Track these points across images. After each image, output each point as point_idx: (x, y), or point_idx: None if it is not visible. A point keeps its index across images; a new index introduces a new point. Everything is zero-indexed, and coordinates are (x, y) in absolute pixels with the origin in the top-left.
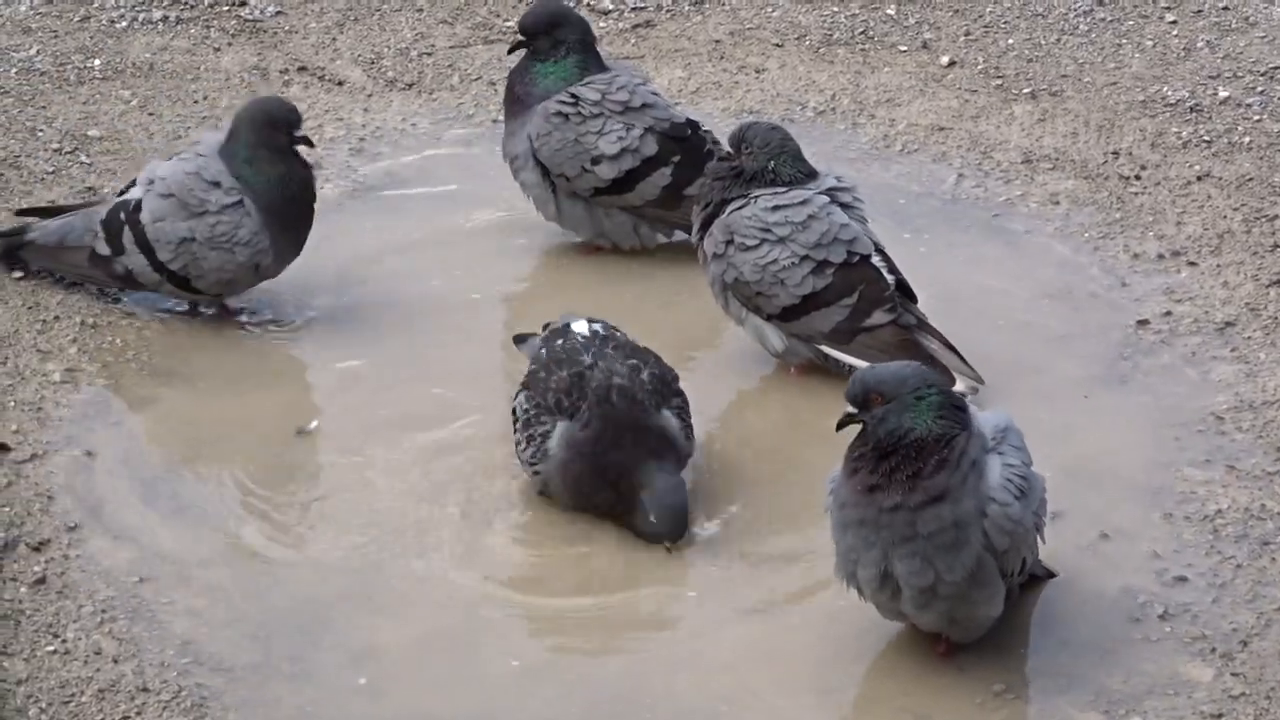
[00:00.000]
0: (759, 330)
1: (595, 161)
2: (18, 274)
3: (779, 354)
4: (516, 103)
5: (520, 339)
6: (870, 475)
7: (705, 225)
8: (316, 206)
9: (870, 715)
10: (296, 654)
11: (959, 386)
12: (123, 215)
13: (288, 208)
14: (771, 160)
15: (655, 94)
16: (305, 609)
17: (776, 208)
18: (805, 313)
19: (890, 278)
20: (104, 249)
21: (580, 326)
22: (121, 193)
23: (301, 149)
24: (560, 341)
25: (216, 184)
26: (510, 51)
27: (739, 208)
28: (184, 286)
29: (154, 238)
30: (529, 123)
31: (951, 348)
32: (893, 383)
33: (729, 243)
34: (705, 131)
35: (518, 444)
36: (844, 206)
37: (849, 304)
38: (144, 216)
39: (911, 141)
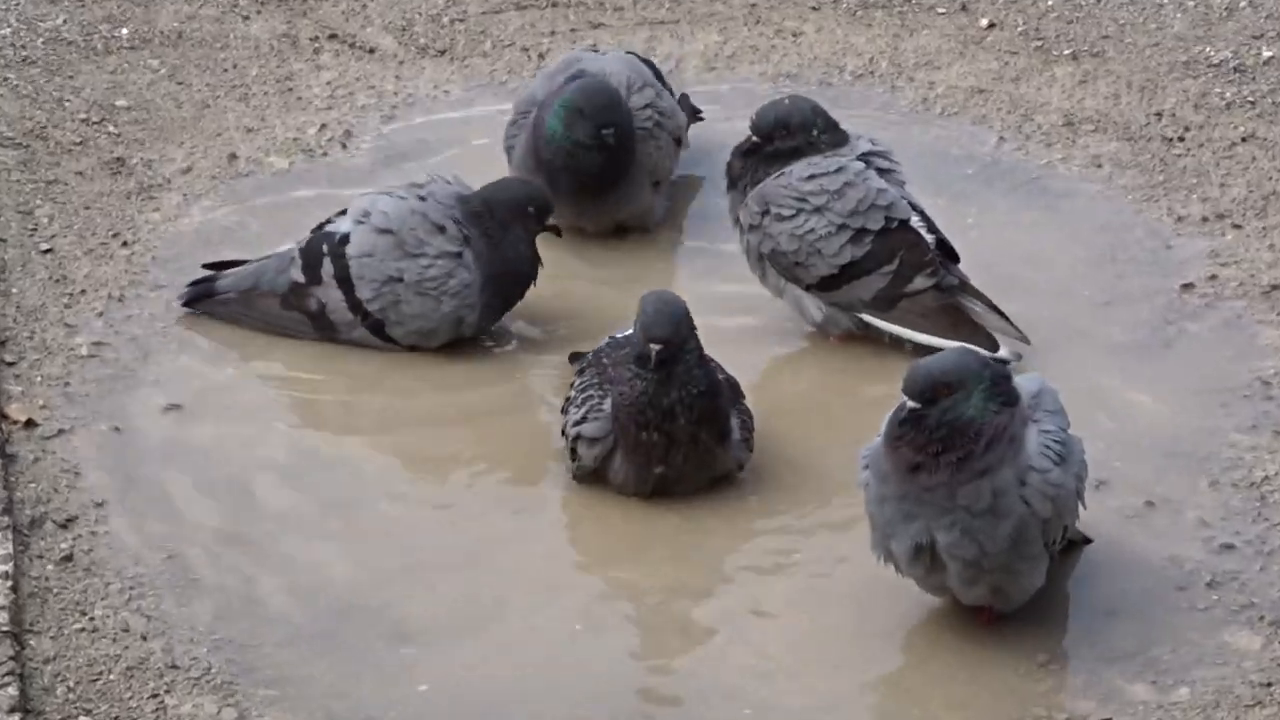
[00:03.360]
0: (798, 300)
1: None
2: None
3: (818, 324)
4: None
5: (577, 357)
6: (916, 454)
7: (740, 195)
8: (350, 175)
9: (911, 688)
10: (330, 629)
11: (1003, 350)
12: (325, 246)
13: (508, 282)
14: (811, 130)
15: None
16: (340, 582)
17: (811, 176)
18: (845, 282)
19: (931, 238)
20: (299, 276)
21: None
22: (319, 227)
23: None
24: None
25: (441, 229)
26: None
27: (775, 177)
28: (378, 332)
29: (357, 273)
30: None
31: (995, 309)
32: (958, 372)
33: (764, 213)
34: None
35: (566, 422)
36: (880, 171)
37: (889, 271)
38: (351, 249)
39: (951, 104)
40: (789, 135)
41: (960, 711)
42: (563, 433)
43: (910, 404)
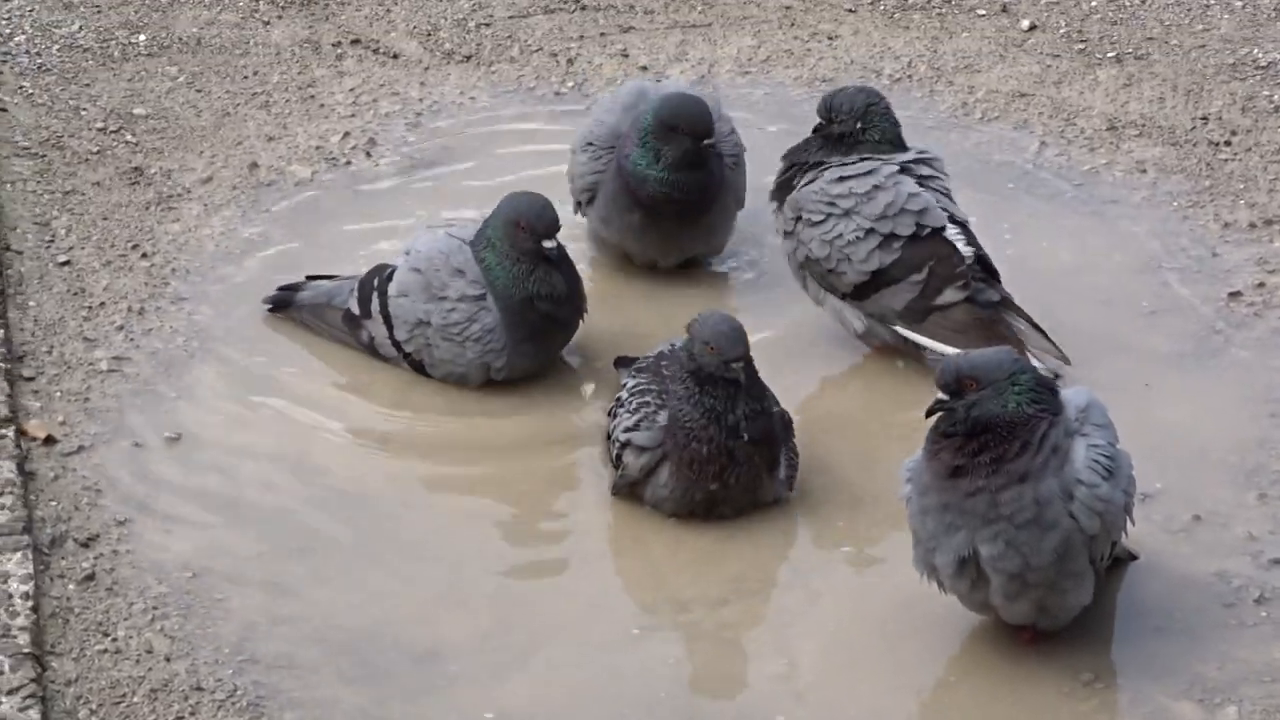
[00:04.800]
0: (838, 311)
1: None
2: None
3: (860, 335)
4: None
5: (624, 362)
6: (955, 456)
7: (781, 193)
8: (374, 184)
9: (953, 706)
10: (357, 650)
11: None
12: (376, 281)
13: (533, 316)
14: (858, 121)
15: None
16: (372, 603)
17: (841, 179)
18: (875, 290)
19: (968, 251)
20: (355, 308)
21: None
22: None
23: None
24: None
25: (461, 273)
26: None
27: (808, 182)
28: (420, 371)
29: (394, 312)
30: None
31: (1036, 327)
32: (987, 368)
33: (797, 219)
34: None
35: (614, 427)
36: (923, 179)
37: (919, 281)
38: (391, 288)
39: (992, 109)
40: (840, 122)
41: None
42: (608, 436)
43: (938, 395)
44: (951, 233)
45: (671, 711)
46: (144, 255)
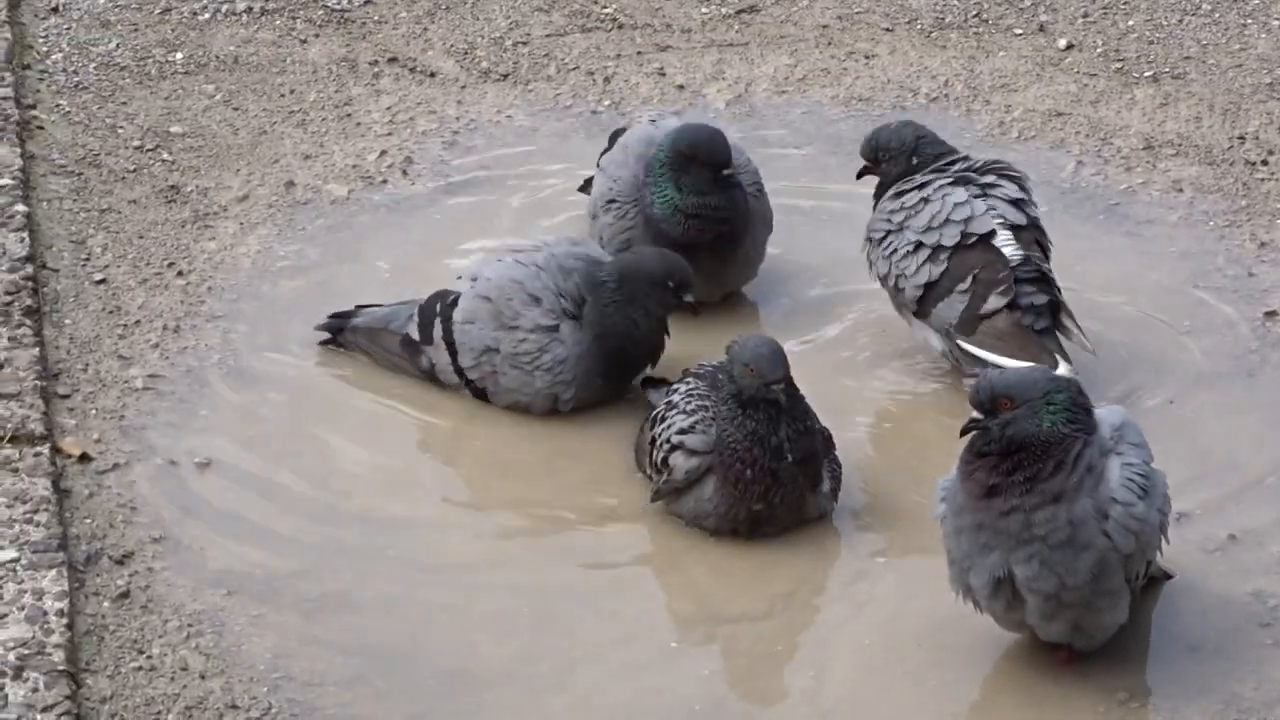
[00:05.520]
0: (918, 332)
1: None
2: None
3: (940, 354)
4: None
5: (652, 384)
6: (989, 475)
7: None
8: (411, 203)
9: None
10: (393, 669)
11: (1061, 369)
12: (439, 307)
13: (619, 357)
14: (912, 157)
15: None
16: (401, 621)
17: (897, 194)
18: (933, 304)
19: (1016, 255)
20: (415, 334)
21: None
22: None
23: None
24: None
25: (538, 300)
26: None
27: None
28: (480, 397)
29: (459, 339)
30: None
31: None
32: (1022, 387)
33: (869, 240)
34: None
35: (661, 431)
36: (987, 187)
37: (965, 290)
38: (457, 315)
39: (1028, 128)
40: (890, 160)
41: None
42: (652, 442)
43: (973, 414)
44: (1001, 239)
45: None
46: (180, 273)
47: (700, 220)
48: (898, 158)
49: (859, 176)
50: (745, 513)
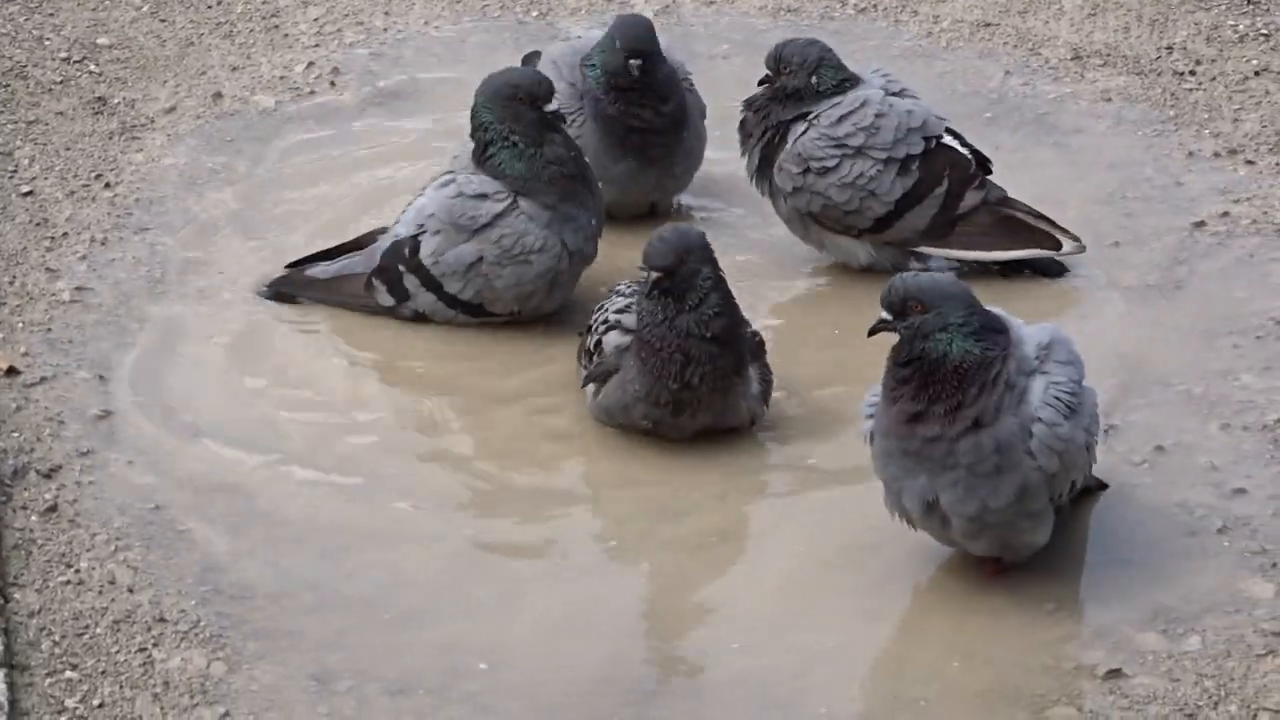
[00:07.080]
0: (845, 249)
1: None
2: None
3: (866, 267)
4: None
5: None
6: (912, 403)
7: (765, 160)
8: (339, 114)
9: (917, 636)
10: (321, 582)
11: (1066, 247)
12: (400, 265)
13: (563, 195)
14: (812, 75)
15: None
16: (331, 534)
17: (841, 119)
18: (899, 217)
19: (966, 151)
20: (387, 300)
21: None
22: (370, 236)
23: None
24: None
25: (483, 195)
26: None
27: (802, 133)
28: (478, 313)
29: (440, 273)
30: None
31: (1043, 216)
32: (933, 291)
33: (805, 171)
34: None
35: (596, 321)
36: (902, 94)
37: (941, 193)
38: (425, 257)
39: (956, 38)
40: (790, 74)
41: (967, 660)
42: (588, 330)
43: (882, 315)
44: (949, 139)
45: (640, 635)
46: (107, 185)
47: (634, 94)
48: (798, 73)
49: (759, 85)
50: (667, 395)
